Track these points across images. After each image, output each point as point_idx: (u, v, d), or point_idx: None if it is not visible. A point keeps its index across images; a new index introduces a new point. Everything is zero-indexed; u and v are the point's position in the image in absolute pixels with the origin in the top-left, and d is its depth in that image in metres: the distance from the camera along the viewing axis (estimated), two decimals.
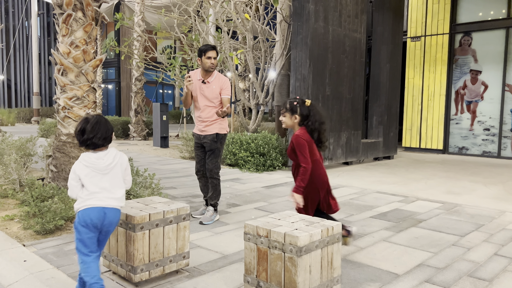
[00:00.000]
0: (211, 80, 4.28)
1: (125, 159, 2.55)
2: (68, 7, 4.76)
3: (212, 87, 4.26)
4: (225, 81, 4.31)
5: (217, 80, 4.29)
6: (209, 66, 4.23)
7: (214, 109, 4.27)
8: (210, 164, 4.29)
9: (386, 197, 5.63)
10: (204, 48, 4.25)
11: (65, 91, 4.90)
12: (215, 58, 4.24)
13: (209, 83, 4.27)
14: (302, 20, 7.30)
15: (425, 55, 11.39)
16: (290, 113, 3.15)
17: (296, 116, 3.15)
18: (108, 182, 2.43)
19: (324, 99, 7.66)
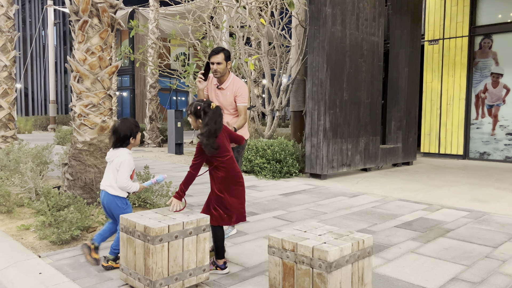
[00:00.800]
0: (225, 86, 3.94)
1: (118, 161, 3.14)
2: (84, 13, 4.72)
3: (226, 94, 3.94)
4: (240, 87, 3.92)
5: (232, 85, 3.94)
6: (213, 72, 3.88)
7: (230, 116, 4.01)
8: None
9: (409, 205, 5.43)
10: (209, 54, 3.91)
11: (81, 98, 4.85)
12: (219, 64, 3.82)
13: (224, 89, 3.95)
14: (319, 24, 7.17)
15: (443, 59, 11.14)
16: (194, 116, 3.09)
17: (200, 120, 3.08)
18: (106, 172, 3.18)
19: (342, 104, 7.50)
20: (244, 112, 3.97)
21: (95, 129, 4.88)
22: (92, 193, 4.81)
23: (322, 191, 6.27)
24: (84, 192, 4.81)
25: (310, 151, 7.40)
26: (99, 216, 4.26)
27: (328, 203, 5.49)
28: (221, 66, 3.84)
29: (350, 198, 5.79)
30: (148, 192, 4.67)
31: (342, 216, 4.80)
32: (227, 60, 3.89)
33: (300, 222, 4.52)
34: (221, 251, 3.06)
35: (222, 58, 3.83)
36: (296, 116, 9.00)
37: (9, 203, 4.58)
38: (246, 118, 4.03)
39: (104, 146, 4.94)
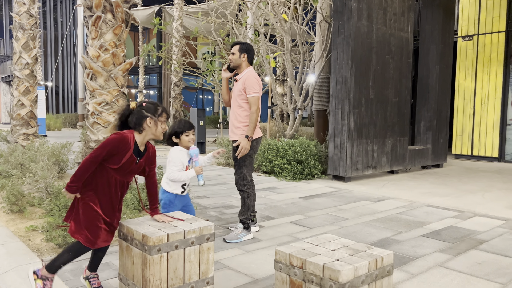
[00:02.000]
0: (239, 78, 3.92)
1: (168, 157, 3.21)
2: (97, 8, 4.60)
3: (237, 84, 3.92)
4: (248, 77, 3.81)
5: (244, 76, 3.88)
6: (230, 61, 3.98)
7: (239, 109, 3.83)
8: (236, 176, 3.89)
9: (439, 211, 5.05)
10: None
11: (94, 96, 4.74)
12: (233, 54, 3.90)
13: (238, 80, 3.93)
14: (343, 19, 6.84)
15: (477, 56, 10.53)
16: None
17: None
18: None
19: (367, 103, 7.14)
20: (254, 103, 3.77)
21: (108, 128, 4.76)
22: None
23: (345, 195, 5.96)
24: None
25: (333, 152, 7.08)
26: None
27: (350, 208, 5.18)
28: (234, 57, 3.92)
29: (374, 203, 5.46)
30: None
31: (365, 223, 4.49)
32: (242, 52, 3.91)
33: (318, 228, 4.25)
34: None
35: (237, 50, 3.91)
36: (320, 115, 8.68)
37: (22, 202, 4.51)
38: (258, 112, 3.79)
39: None
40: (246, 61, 3.91)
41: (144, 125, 2.53)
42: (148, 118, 2.53)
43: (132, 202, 4.23)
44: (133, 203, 4.30)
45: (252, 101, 3.78)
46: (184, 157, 3.20)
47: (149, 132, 2.56)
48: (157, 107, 2.59)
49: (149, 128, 2.55)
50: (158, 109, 2.58)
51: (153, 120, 2.55)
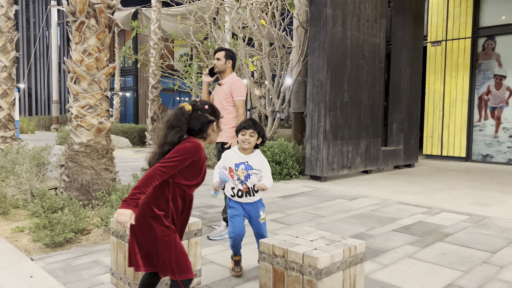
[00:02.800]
0: (224, 82, 4.17)
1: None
2: (81, 14, 4.70)
3: (223, 88, 4.14)
4: (235, 81, 4.10)
5: (230, 82, 4.13)
6: (215, 65, 4.17)
7: (225, 111, 4.06)
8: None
9: (409, 208, 5.37)
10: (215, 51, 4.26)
11: (78, 99, 4.83)
12: (219, 59, 4.12)
13: (223, 84, 4.16)
14: (319, 25, 7.12)
15: (446, 60, 11.05)
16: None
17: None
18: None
19: (342, 106, 7.44)
20: (241, 106, 4.10)
21: (92, 131, 4.86)
22: (88, 194, 4.79)
23: (322, 194, 6.22)
24: (80, 193, 4.78)
25: (310, 153, 7.35)
26: (94, 218, 4.23)
27: (326, 206, 5.44)
28: (220, 62, 4.12)
29: (349, 201, 5.73)
30: None
31: (340, 219, 4.75)
32: (227, 58, 4.14)
33: (297, 225, 4.48)
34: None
35: (222, 56, 4.12)
36: (297, 118, 8.95)
37: (5, 204, 4.56)
38: (244, 113, 4.14)
39: (101, 147, 4.92)
40: (230, 67, 4.18)
41: (209, 131, 2.19)
42: (214, 123, 2.21)
43: (117, 203, 4.35)
44: (118, 203, 4.42)
45: (240, 104, 4.07)
46: (231, 159, 2.97)
47: (210, 138, 2.23)
48: (215, 109, 2.26)
49: (213, 133, 2.22)
50: (217, 110, 2.27)
51: (217, 124, 2.24)
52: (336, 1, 7.13)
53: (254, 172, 2.92)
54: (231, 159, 2.96)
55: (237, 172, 2.93)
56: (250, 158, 2.94)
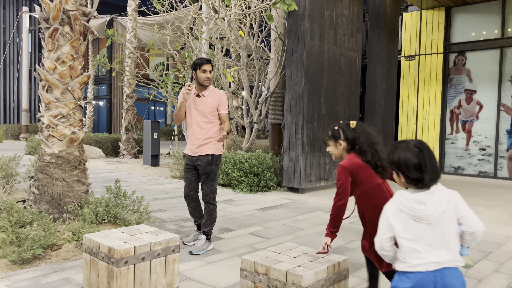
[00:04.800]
0: (206, 94, 4.03)
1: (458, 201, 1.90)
2: (54, 21, 4.55)
3: (207, 101, 3.99)
4: (222, 96, 4.05)
5: (213, 93, 4.04)
6: (204, 80, 3.97)
7: (209, 125, 3.97)
8: (206, 189, 3.98)
9: None
10: (199, 61, 4.00)
11: (50, 108, 4.65)
12: (211, 72, 4.02)
13: (204, 96, 4.01)
14: (297, 38, 7.17)
15: (419, 74, 11.33)
16: (333, 140, 2.64)
17: (341, 142, 2.60)
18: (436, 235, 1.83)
19: (319, 118, 7.48)
20: (227, 119, 4.07)
21: (64, 141, 4.68)
22: (60, 207, 4.59)
23: (300, 206, 6.19)
24: (50, 207, 4.58)
25: (288, 165, 7.33)
26: (65, 233, 4.05)
27: (305, 218, 5.40)
28: (211, 75, 4.04)
29: (327, 213, 5.72)
30: (119, 207, 4.49)
31: (319, 232, 4.72)
32: (212, 70, 4.09)
33: (276, 238, 4.41)
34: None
35: (211, 68, 4.04)
36: (275, 129, 8.94)
37: None
38: (229, 124, 4.12)
39: (74, 158, 4.74)
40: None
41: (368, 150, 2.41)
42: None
43: (89, 216, 4.18)
44: (90, 217, 4.25)
45: (226, 116, 4.05)
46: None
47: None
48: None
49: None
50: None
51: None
52: (314, 15, 7.21)
53: None
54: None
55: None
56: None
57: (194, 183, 4.08)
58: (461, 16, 10.81)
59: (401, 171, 1.90)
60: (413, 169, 1.85)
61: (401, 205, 1.87)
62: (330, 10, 7.57)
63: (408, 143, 1.92)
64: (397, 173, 1.93)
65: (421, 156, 1.86)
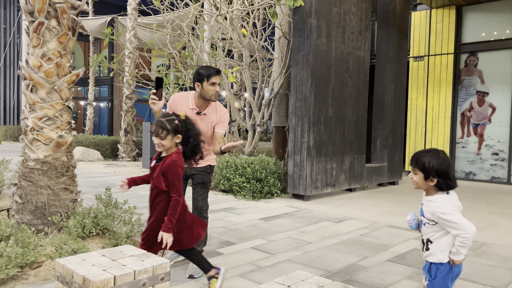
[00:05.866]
0: (208, 112, 3.39)
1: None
2: (40, 14, 4.16)
3: (208, 120, 3.40)
4: (224, 113, 3.45)
5: (215, 111, 3.42)
6: (212, 95, 3.32)
7: (207, 144, 3.41)
8: (201, 201, 3.53)
9: (400, 232, 4.98)
10: (206, 72, 3.30)
11: (35, 110, 4.25)
12: (220, 85, 3.41)
13: (206, 115, 3.39)
14: (303, 36, 6.77)
15: (428, 76, 10.92)
16: (173, 133, 2.75)
17: (179, 136, 2.79)
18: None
19: (326, 121, 7.07)
20: (222, 139, 3.41)
21: (50, 145, 4.28)
22: (44, 218, 4.19)
23: (306, 215, 5.78)
24: (34, 217, 4.18)
25: (293, 170, 6.92)
26: (47, 248, 3.65)
27: (312, 229, 4.99)
28: (217, 88, 3.34)
29: (336, 224, 5.30)
30: (109, 218, 4.08)
31: (328, 246, 4.30)
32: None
33: (281, 254, 4.00)
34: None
35: (219, 79, 3.37)
36: (278, 132, 8.53)
37: None
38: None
39: (60, 164, 4.34)
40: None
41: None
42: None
43: (75, 229, 3.78)
44: (76, 230, 3.85)
45: (221, 137, 3.41)
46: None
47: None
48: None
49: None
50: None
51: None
52: (321, 12, 6.81)
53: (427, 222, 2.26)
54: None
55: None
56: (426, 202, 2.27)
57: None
58: (473, 15, 10.39)
59: (441, 178, 2.18)
60: (451, 176, 2.21)
61: (454, 207, 2.26)
62: (338, 6, 7.17)
63: (441, 152, 2.22)
64: (430, 178, 2.19)
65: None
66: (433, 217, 2.22)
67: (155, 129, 2.71)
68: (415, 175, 2.24)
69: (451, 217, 2.15)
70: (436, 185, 2.20)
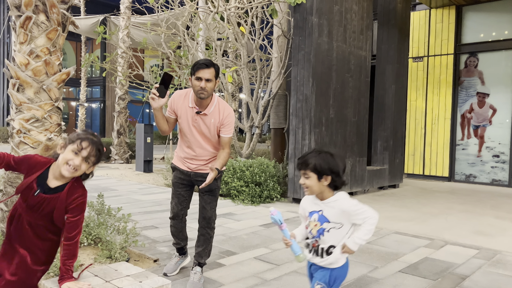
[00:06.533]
0: (209, 112, 3.03)
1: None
2: (27, 8, 3.87)
3: (210, 121, 3.05)
4: (229, 114, 3.05)
5: (217, 110, 3.05)
6: (198, 91, 2.92)
7: (209, 143, 3.14)
8: (210, 210, 3.20)
9: (408, 239, 4.75)
10: (195, 64, 2.96)
11: (22, 110, 3.96)
12: (209, 81, 2.90)
13: (207, 115, 3.04)
14: (304, 35, 6.53)
15: (428, 76, 10.74)
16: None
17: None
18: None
19: (328, 122, 6.84)
20: (229, 145, 3.12)
21: (39, 149, 3.99)
22: None
23: None
24: None
25: (293, 173, 6.68)
26: None
27: None
28: (210, 85, 2.92)
29: None
30: (101, 227, 3.80)
31: None
32: (217, 77, 2.99)
33: (286, 265, 3.75)
34: None
35: (213, 75, 2.93)
36: (277, 134, 8.29)
37: None
38: (229, 153, 3.16)
39: None
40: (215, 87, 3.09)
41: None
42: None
43: None
44: None
45: (228, 142, 3.10)
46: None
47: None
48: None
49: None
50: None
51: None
52: (322, 10, 6.58)
53: (333, 227, 2.10)
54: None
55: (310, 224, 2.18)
56: (328, 205, 2.13)
57: (187, 201, 3.33)
58: (473, 15, 10.23)
59: (334, 175, 2.08)
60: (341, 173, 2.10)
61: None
62: (339, 4, 6.94)
63: (323, 151, 2.14)
64: (323, 177, 2.07)
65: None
66: (343, 217, 2.10)
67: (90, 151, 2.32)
68: (307, 179, 2.09)
69: (360, 206, 2.13)
70: (330, 184, 2.10)
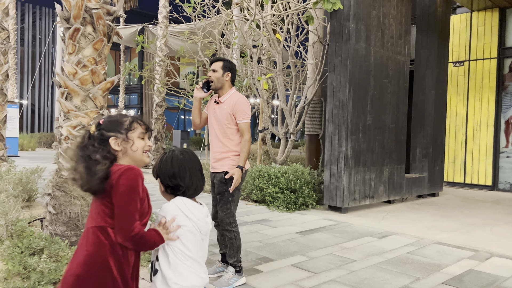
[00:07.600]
0: (223, 100, 3.40)
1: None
2: (76, 20, 4.07)
3: (223, 107, 3.38)
4: (238, 100, 3.35)
5: (230, 99, 3.38)
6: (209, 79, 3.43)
7: (227, 137, 3.34)
8: (221, 213, 3.34)
9: (451, 250, 4.59)
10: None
11: (69, 118, 4.16)
12: (215, 71, 3.38)
13: (221, 103, 3.40)
14: (341, 41, 6.49)
15: (469, 82, 10.38)
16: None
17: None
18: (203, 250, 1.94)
19: (365, 129, 6.74)
20: (247, 131, 3.35)
21: None
22: (77, 230, 4.07)
23: (346, 229, 5.45)
24: (67, 228, 4.06)
25: (329, 181, 6.61)
26: None
27: (354, 246, 4.67)
28: (216, 74, 3.40)
29: (379, 240, 4.96)
30: None
31: (375, 265, 3.98)
32: (225, 70, 3.42)
33: (325, 273, 3.71)
34: None
35: (220, 67, 3.42)
36: (312, 140, 8.25)
37: None
38: (250, 139, 3.38)
39: None
40: (229, 81, 3.43)
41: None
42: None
43: None
44: None
45: (245, 128, 3.35)
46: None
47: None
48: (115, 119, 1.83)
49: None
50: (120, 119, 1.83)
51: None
52: (359, 15, 6.52)
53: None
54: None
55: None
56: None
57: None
58: None
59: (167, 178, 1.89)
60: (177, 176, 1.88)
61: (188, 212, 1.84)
62: (377, 9, 6.86)
63: (168, 152, 1.94)
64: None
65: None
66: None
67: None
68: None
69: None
70: (168, 191, 1.92)
